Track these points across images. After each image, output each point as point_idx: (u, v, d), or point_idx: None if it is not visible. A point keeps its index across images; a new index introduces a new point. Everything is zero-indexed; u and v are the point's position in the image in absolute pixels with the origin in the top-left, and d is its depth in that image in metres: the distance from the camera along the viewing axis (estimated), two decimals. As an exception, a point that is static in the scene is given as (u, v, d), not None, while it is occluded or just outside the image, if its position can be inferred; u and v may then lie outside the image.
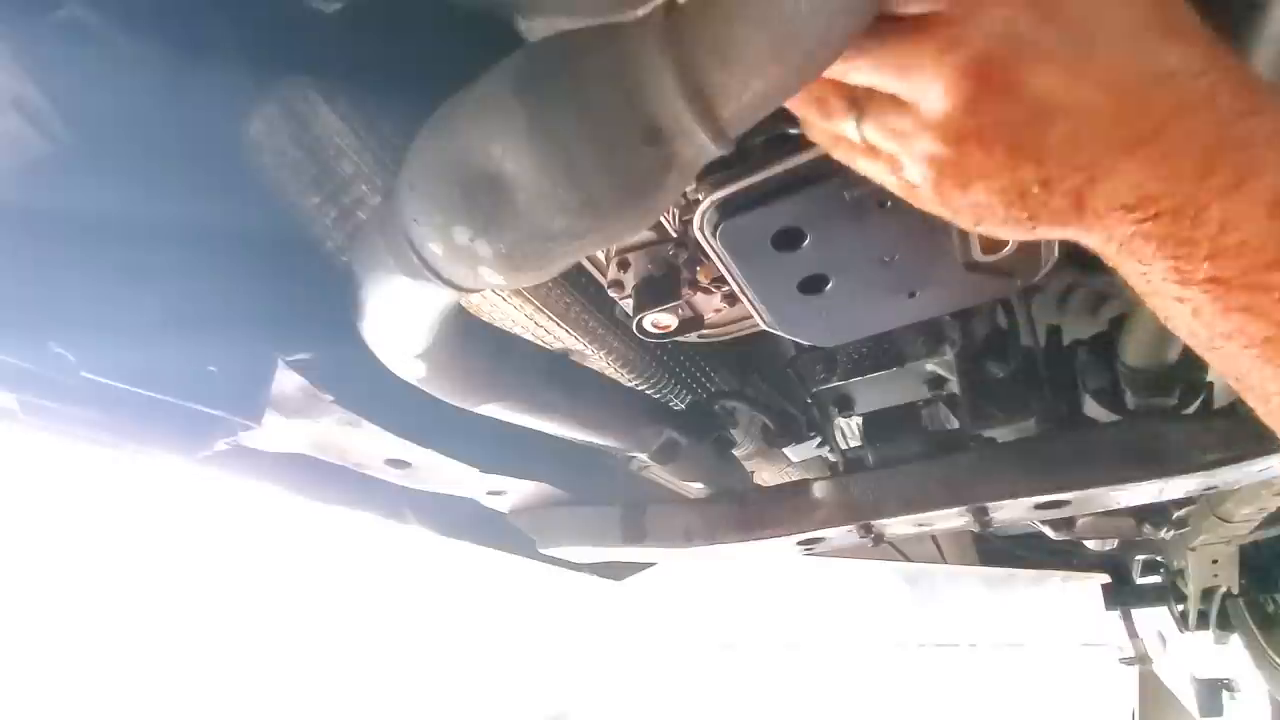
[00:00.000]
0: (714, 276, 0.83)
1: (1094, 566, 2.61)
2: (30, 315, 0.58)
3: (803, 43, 0.44)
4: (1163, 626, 2.70)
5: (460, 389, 0.82)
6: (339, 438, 0.88)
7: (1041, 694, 4.43)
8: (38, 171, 0.58)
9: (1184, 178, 0.36)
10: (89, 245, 0.62)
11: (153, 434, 0.70)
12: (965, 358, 1.03)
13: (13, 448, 2.70)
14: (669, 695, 5.43)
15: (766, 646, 5.21)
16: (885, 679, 4.83)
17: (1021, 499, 0.92)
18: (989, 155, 0.40)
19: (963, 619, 4.53)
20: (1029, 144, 0.39)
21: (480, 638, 5.20)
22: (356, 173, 0.73)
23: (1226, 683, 2.68)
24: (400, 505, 1.17)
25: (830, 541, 1.12)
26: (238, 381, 0.72)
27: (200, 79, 0.66)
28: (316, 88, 0.70)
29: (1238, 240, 0.36)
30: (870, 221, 0.64)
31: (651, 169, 0.50)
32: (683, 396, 1.26)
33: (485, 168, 0.51)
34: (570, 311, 1.01)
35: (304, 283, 0.76)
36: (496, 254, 0.54)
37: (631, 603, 4.81)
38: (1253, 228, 0.35)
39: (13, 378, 0.59)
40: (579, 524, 1.21)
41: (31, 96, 0.56)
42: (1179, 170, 0.36)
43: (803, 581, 4.57)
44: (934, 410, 1.12)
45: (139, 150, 0.65)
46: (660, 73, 0.46)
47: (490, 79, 0.52)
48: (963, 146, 0.41)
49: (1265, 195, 0.35)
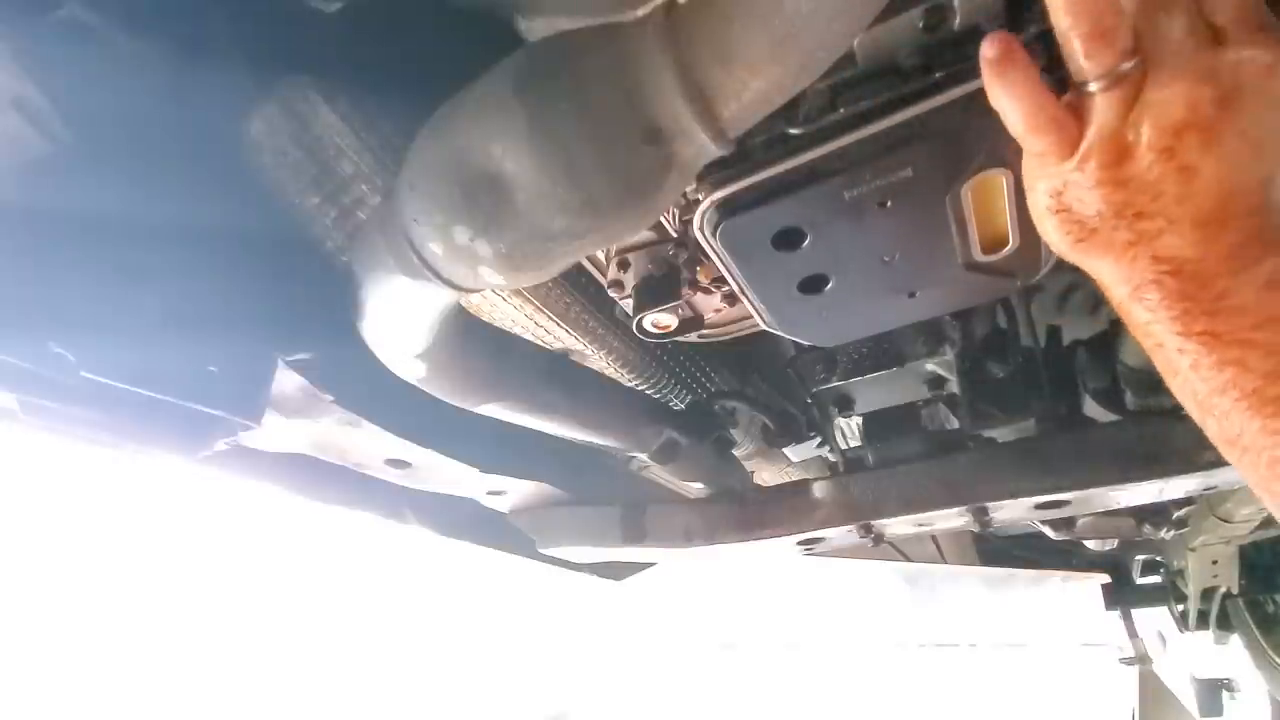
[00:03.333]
0: (714, 276, 0.83)
1: (1094, 566, 2.61)
2: (30, 315, 0.58)
3: (803, 43, 0.44)
4: (1163, 626, 2.70)
5: (460, 389, 0.82)
6: (339, 438, 0.88)
7: (1041, 694, 4.43)
8: (38, 171, 0.58)
9: (1214, 256, 0.44)
10: (89, 245, 0.62)
11: (153, 434, 0.70)
12: (965, 358, 1.03)
13: (13, 448, 2.70)
14: (669, 695, 5.43)
15: (766, 646, 5.21)
16: (885, 679, 4.83)
17: (1021, 499, 0.92)
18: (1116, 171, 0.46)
19: (963, 619, 4.53)
20: (1149, 187, 0.46)
21: (480, 638, 5.20)
22: (356, 173, 0.73)
23: (1226, 683, 2.68)
24: (400, 505, 1.17)
25: (830, 541, 1.12)
26: (238, 381, 0.72)
27: (200, 79, 0.66)
28: (316, 88, 0.70)
29: (1233, 304, 0.44)
30: (870, 221, 0.64)
31: (651, 169, 0.50)
32: (683, 396, 1.26)
33: (485, 167, 0.51)
34: (570, 311, 1.01)
35: (304, 283, 0.76)
36: (496, 254, 0.54)
37: (631, 603, 4.81)
38: (1247, 297, 0.44)
39: (13, 378, 0.59)
40: (579, 524, 1.21)
41: (31, 96, 0.56)
42: (1216, 249, 0.44)
43: (803, 581, 4.57)
44: (934, 410, 1.12)
45: (139, 150, 0.65)
46: (660, 72, 0.46)
47: (490, 79, 0.52)
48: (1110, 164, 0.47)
49: (1262, 278, 0.43)
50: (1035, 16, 0.53)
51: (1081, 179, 0.47)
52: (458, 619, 5.05)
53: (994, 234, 0.67)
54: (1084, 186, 0.47)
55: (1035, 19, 0.53)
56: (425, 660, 5.19)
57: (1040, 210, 0.52)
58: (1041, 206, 0.51)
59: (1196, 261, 0.45)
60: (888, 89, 0.57)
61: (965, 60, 0.54)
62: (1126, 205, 0.46)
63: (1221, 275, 0.44)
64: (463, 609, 4.95)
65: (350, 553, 4.34)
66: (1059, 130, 0.46)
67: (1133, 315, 0.49)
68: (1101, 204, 0.47)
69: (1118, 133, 0.45)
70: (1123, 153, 0.45)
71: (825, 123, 0.59)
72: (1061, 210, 0.50)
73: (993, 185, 0.62)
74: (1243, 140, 0.43)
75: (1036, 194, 0.51)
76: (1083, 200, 0.48)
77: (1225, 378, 0.45)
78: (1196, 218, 0.44)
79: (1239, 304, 0.44)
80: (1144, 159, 0.45)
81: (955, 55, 0.55)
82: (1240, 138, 0.43)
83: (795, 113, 0.60)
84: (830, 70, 0.50)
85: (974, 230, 0.66)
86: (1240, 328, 0.44)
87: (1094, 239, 0.49)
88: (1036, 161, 0.49)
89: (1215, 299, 0.45)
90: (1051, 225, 0.51)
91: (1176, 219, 0.45)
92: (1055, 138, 0.47)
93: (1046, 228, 0.52)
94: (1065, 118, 0.46)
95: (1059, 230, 0.51)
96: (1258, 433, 0.45)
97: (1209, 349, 0.45)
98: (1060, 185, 0.49)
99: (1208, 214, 0.44)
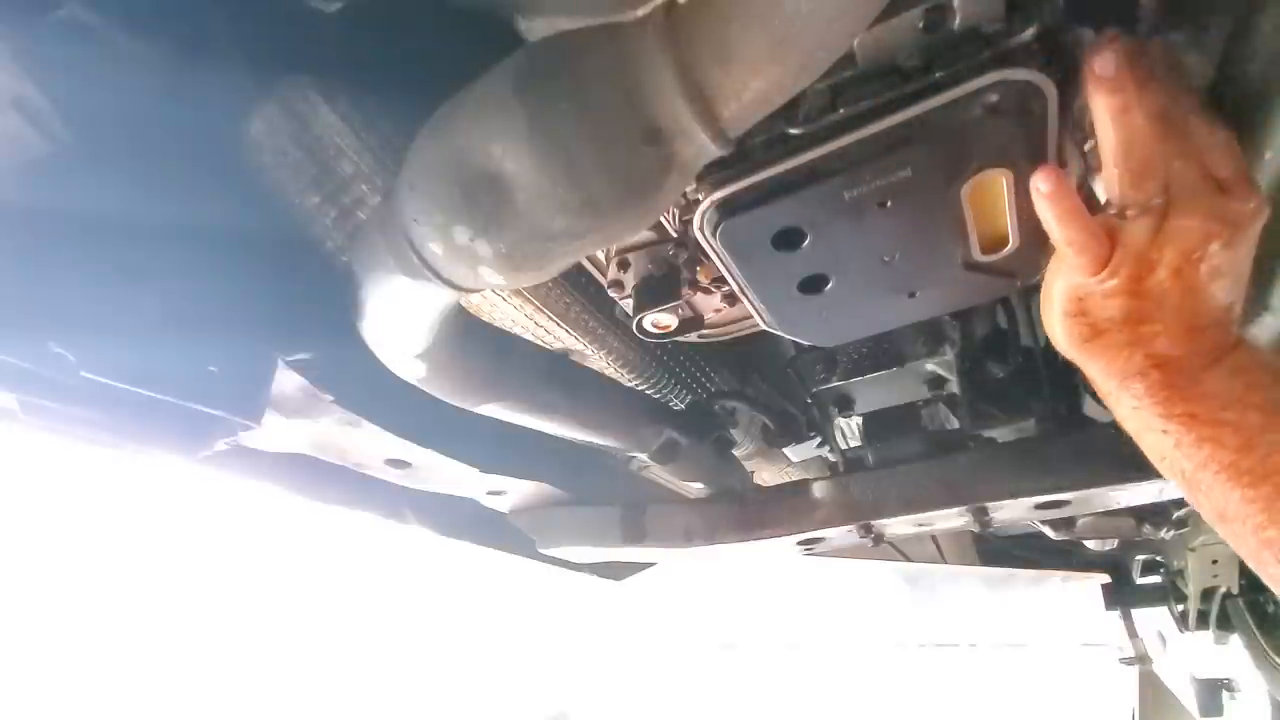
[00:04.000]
0: (714, 276, 0.82)
1: (1094, 566, 2.61)
2: (30, 315, 0.58)
3: (803, 43, 0.44)
4: (1163, 626, 2.70)
5: (460, 389, 0.82)
6: (339, 438, 0.88)
7: (1041, 694, 4.43)
8: (38, 171, 0.58)
9: (1194, 353, 0.55)
10: (89, 245, 0.62)
11: (153, 434, 0.70)
12: (965, 358, 1.03)
13: (13, 448, 2.70)
14: (669, 695, 5.44)
15: (766, 646, 5.21)
16: (885, 679, 4.84)
17: (1021, 499, 0.92)
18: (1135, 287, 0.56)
19: (963, 619, 4.54)
20: (1158, 298, 0.55)
21: (481, 638, 5.20)
22: (356, 173, 0.73)
23: (1226, 683, 2.68)
24: (400, 505, 1.17)
25: (830, 541, 1.12)
26: (238, 381, 0.72)
27: (200, 79, 0.66)
28: (316, 87, 0.70)
29: (1206, 390, 0.55)
30: (870, 221, 0.64)
31: (651, 169, 0.50)
32: (683, 396, 1.26)
33: (485, 168, 0.51)
34: (570, 311, 1.01)
35: (304, 283, 0.76)
36: (496, 254, 0.54)
37: (631, 603, 4.81)
38: (1217, 384, 0.55)
39: (13, 378, 0.59)
40: (579, 524, 1.21)
41: (31, 96, 0.56)
42: (1196, 348, 0.55)
43: (803, 581, 4.57)
44: (934, 410, 1.12)
45: (139, 150, 0.65)
46: (660, 73, 0.46)
47: (490, 79, 0.52)
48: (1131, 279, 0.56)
49: (1227, 369, 0.55)
50: (1034, 17, 0.53)
51: (1106, 289, 0.56)
52: (458, 619, 5.05)
53: (994, 234, 0.67)
54: (1106, 295, 0.56)
55: (1034, 20, 0.53)
56: (426, 660, 5.19)
57: (1056, 311, 0.60)
58: (1058, 308, 0.60)
59: (1180, 358, 0.55)
60: (888, 89, 0.57)
61: (965, 60, 0.54)
62: (1135, 312, 0.56)
63: (1197, 368, 0.55)
64: (463, 609, 4.95)
65: (351, 553, 4.33)
66: (1096, 248, 0.54)
67: (1120, 403, 0.59)
68: (1116, 310, 0.56)
69: (1144, 253, 0.53)
70: (1144, 269, 0.54)
71: (825, 123, 0.59)
72: (1079, 314, 0.59)
73: (993, 185, 0.62)
74: (1230, 268, 0.53)
75: (1056, 297, 0.60)
76: (1101, 306, 0.57)
77: (1205, 454, 0.54)
78: (1188, 324, 0.55)
79: (1211, 390, 0.55)
80: (1159, 275, 0.54)
81: (955, 55, 0.55)
82: (1230, 265, 0.53)
83: (795, 113, 0.59)
84: (830, 70, 0.50)
85: (974, 230, 0.66)
86: (1213, 409, 0.54)
87: (1099, 339, 0.58)
88: (1070, 271, 0.57)
89: (1192, 385, 0.55)
90: (1064, 325, 0.60)
91: (1172, 325, 0.55)
92: (1092, 255, 0.55)
93: (1057, 326, 0.61)
94: (1101, 238, 0.54)
95: (1070, 329, 0.60)
96: (1239, 503, 0.53)
97: (1188, 428, 0.55)
98: (1085, 293, 0.57)
99: (1195, 322, 0.55)
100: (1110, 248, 0.54)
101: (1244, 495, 0.53)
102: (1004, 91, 0.54)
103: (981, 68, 0.54)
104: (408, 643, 5.10)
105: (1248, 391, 0.54)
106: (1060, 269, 0.59)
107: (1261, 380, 0.55)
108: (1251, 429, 0.53)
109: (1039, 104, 0.55)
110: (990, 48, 0.54)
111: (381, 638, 5.02)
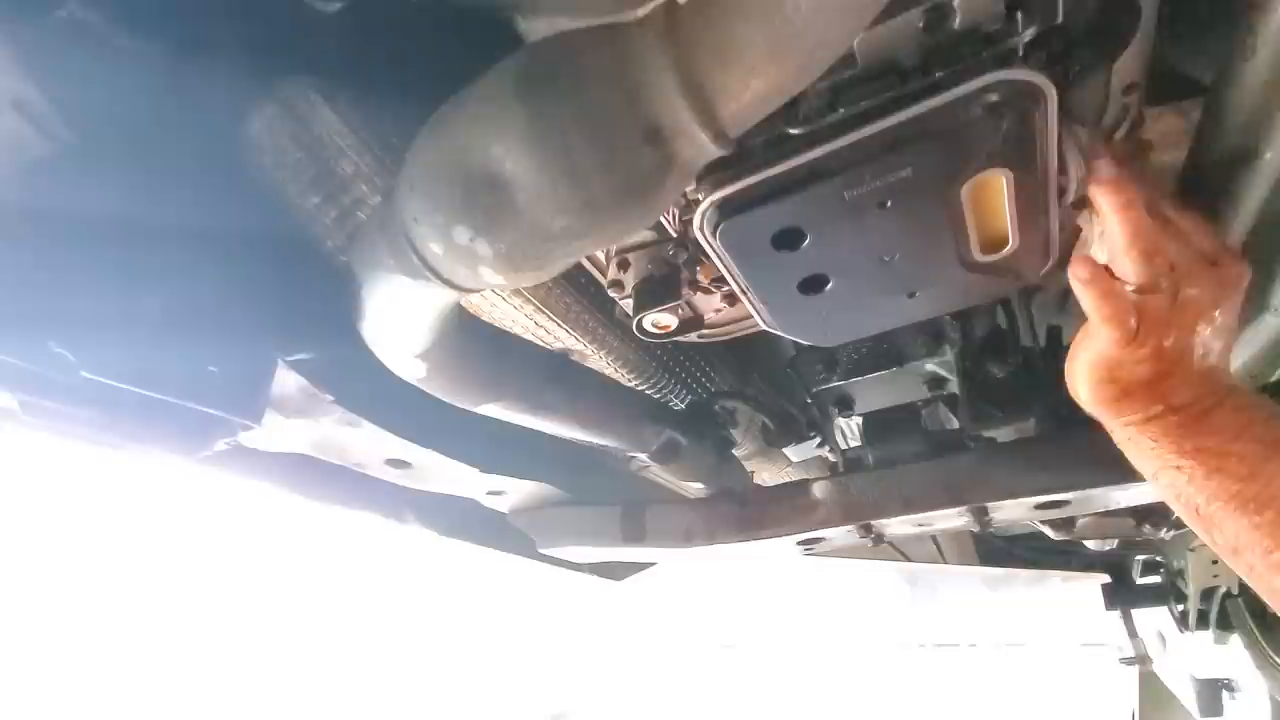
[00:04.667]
0: (714, 276, 0.82)
1: (1094, 566, 2.61)
2: (30, 315, 0.58)
3: (803, 42, 0.44)
4: (1163, 626, 2.69)
5: (460, 389, 0.82)
6: (339, 438, 0.88)
7: (1041, 694, 4.43)
8: (38, 172, 0.58)
9: (1204, 396, 0.63)
10: (89, 245, 0.62)
11: (153, 434, 0.70)
12: (965, 358, 1.03)
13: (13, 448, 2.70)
14: (669, 695, 5.44)
15: (766, 646, 5.21)
16: (885, 679, 4.83)
17: (1021, 499, 0.92)
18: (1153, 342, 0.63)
19: (963, 619, 4.53)
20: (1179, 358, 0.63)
21: (481, 638, 5.20)
22: (356, 173, 0.73)
23: (1226, 683, 2.67)
24: (400, 505, 1.17)
25: (830, 541, 1.12)
26: (238, 381, 0.72)
27: (200, 79, 0.66)
28: (316, 88, 0.70)
29: (1214, 425, 0.62)
30: (870, 221, 0.64)
31: (651, 169, 0.50)
32: (683, 396, 1.26)
33: (485, 168, 0.51)
34: (570, 311, 1.01)
35: (304, 283, 0.75)
36: (496, 254, 0.54)
37: (631, 603, 4.81)
38: (1225, 419, 0.62)
39: (13, 378, 0.59)
40: (579, 524, 1.21)
41: (31, 96, 0.56)
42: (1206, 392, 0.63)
43: (803, 581, 4.56)
44: (934, 410, 1.12)
45: (139, 150, 0.65)
46: (660, 73, 0.46)
47: (490, 79, 0.52)
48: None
49: (1230, 406, 0.63)
50: (1034, 18, 0.53)
51: (1136, 356, 0.63)
52: (458, 619, 5.04)
53: (994, 234, 0.67)
54: (1136, 362, 0.63)
55: (1034, 20, 0.54)
56: (426, 660, 5.19)
57: (1089, 380, 0.67)
58: (1091, 377, 0.67)
59: (1193, 403, 0.63)
60: (888, 89, 0.57)
61: (965, 60, 0.54)
62: (1159, 372, 0.63)
63: (1206, 409, 0.63)
64: (463, 609, 4.95)
65: (351, 553, 4.33)
66: (1128, 322, 0.62)
67: (1139, 444, 0.67)
68: (1145, 373, 0.64)
69: (1165, 322, 0.61)
70: (1165, 336, 0.62)
71: (825, 123, 0.59)
72: (1110, 380, 0.66)
73: (993, 185, 0.62)
74: (1226, 322, 0.63)
75: (1088, 367, 0.67)
76: (1131, 372, 0.64)
77: (1214, 485, 0.61)
78: (1199, 374, 0.63)
79: (1219, 424, 0.62)
80: (1177, 339, 0.62)
81: (955, 55, 0.55)
82: (1227, 320, 0.62)
83: (795, 113, 0.60)
84: (830, 70, 0.50)
85: (974, 230, 0.66)
86: (1221, 441, 0.62)
87: (1127, 399, 0.66)
88: (1103, 344, 0.64)
89: (1202, 422, 0.63)
90: (1096, 391, 0.67)
91: (1188, 377, 0.63)
92: (1125, 329, 0.62)
93: (1087, 391, 0.68)
94: (1131, 313, 0.61)
95: (1101, 393, 0.67)
96: (1247, 530, 0.59)
97: (1200, 461, 0.62)
98: (1116, 362, 0.64)
99: (1206, 373, 0.63)
100: (1138, 320, 0.62)
101: (1251, 522, 0.58)
102: (1004, 91, 0.54)
103: (981, 68, 0.54)
104: (408, 643, 5.09)
105: (1249, 426, 0.61)
106: (1090, 343, 0.66)
107: (1259, 416, 0.62)
108: (1255, 459, 0.60)
109: (1039, 104, 0.55)
110: (990, 48, 0.54)
111: (381, 638, 5.02)
